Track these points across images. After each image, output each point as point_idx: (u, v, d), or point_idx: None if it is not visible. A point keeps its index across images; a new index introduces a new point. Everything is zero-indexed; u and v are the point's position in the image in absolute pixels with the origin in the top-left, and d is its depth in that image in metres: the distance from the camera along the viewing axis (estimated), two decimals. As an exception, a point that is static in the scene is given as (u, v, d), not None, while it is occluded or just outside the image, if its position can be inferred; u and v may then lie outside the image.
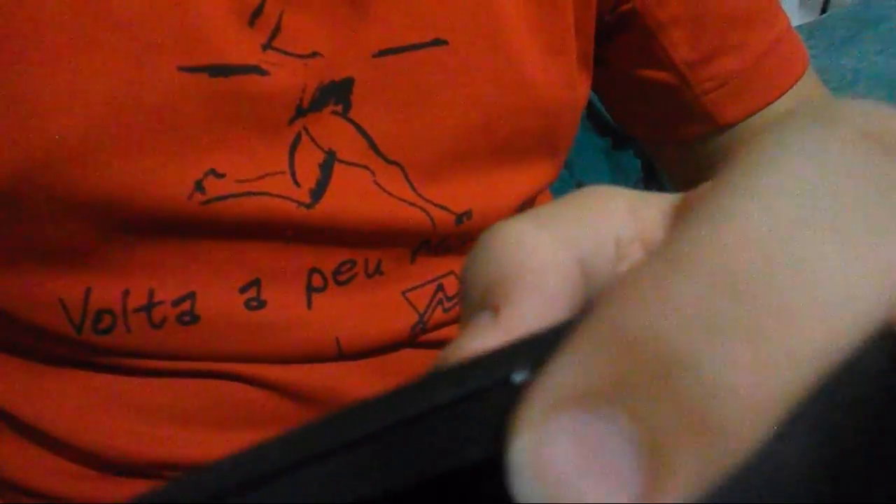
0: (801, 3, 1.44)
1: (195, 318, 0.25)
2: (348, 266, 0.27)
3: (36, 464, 0.26)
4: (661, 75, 0.32)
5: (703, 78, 0.31)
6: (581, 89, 0.30)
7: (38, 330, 0.25)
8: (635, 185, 0.99)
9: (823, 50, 1.16)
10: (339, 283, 0.27)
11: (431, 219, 0.27)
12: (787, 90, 0.32)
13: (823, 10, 1.32)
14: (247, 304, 0.26)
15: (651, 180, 0.86)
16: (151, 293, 0.25)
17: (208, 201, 0.24)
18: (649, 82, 0.32)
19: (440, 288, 0.29)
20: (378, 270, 0.28)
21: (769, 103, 0.32)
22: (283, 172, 0.25)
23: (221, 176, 0.24)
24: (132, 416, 0.26)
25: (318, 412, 0.28)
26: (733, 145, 0.33)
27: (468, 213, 0.28)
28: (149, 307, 0.25)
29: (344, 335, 0.27)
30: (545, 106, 0.28)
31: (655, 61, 0.31)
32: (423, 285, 0.29)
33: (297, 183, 0.25)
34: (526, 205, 0.31)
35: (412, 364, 0.29)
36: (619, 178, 1.00)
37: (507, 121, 0.27)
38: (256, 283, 0.26)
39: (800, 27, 1.24)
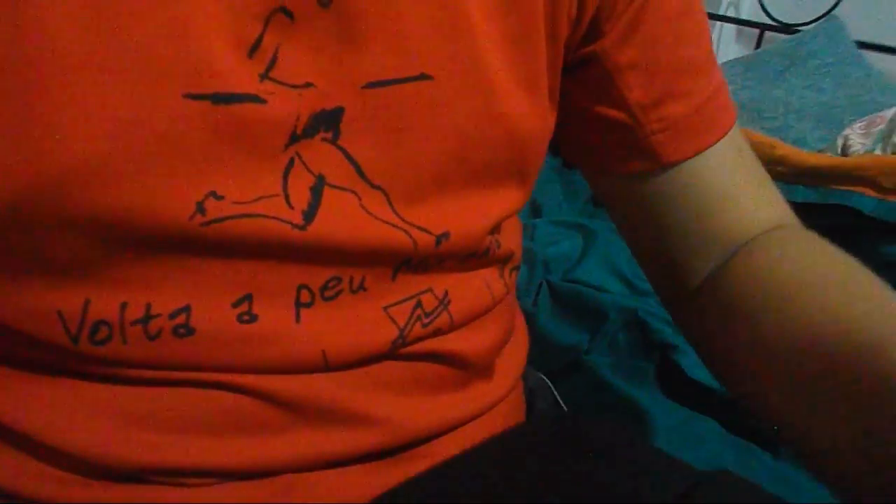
0: (737, 38, 1.52)
1: (190, 331, 0.26)
2: (334, 282, 0.29)
3: (25, 470, 0.27)
4: (615, 113, 0.34)
5: (652, 119, 0.34)
6: (550, 120, 0.33)
7: (33, 340, 0.25)
8: (584, 204, 1.03)
9: (759, 82, 1.23)
10: (326, 299, 0.29)
11: (413, 240, 0.29)
12: (723, 136, 0.36)
13: (758, 46, 1.40)
14: (239, 318, 0.27)
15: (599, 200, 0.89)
16: (149, 307, 0.26)
17: (208, 222, 0.25)
18: (602, 118, 0.35)
19: (419, 304, 0.31)
20: (362, 287, 0.29)
21: (708, 146, 0.35)
22: (277, 195, 0.26)
23: (221, 198, 0.25)
24: (124, 422, 0.26)
25: (304, 420, 0.29)
26: (668, 183, 0.36)
27: (446, 235, 0.30)
28: (146, 319, 0.26)
29: (329, 348, 0.29)
30: (518, 137, 0.30)
31: (611, 100, 0.34)
32: (402, 301, 0.31)
33: (290, 205, 0.26)
34: (496, 227, 0.33)
35: (393, 375, 0.31)
36: (570, 195, 1.04)
37: (483, 150, 0.30)
38: (248, 298, 0.27)
39: (738, 60, 1.31)
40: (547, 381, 0.52)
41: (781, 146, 0.85)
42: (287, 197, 0.26)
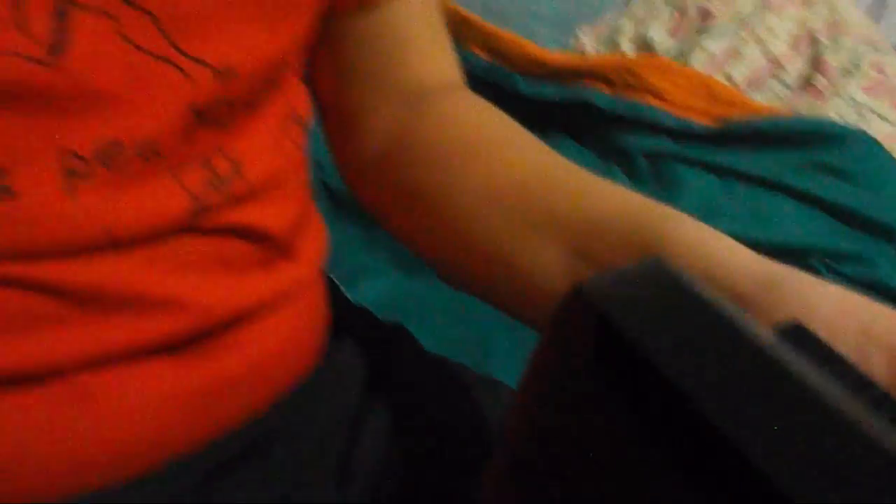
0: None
1: None
2: (116, 148, 0.24)
3: None
4: None
5: None
6: None
7: None
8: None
9: (502, -12, 1.30)
10: (108, 167, 0.24)
11: (191, 78, 0.25)
12: None
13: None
14: None
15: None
16: None
17: None
18: None
19: (209, 166, 0.28)
20: (154, 152, 0.25)
21: None
22: (6, 21, 0.21)
23: None
24: None
25: (91, 309, 0.25)
26: (365, 26, 0.35)
27: (232, 71, 0.26)
28: None
29: (115, 223, 0.25)
30: None
31: None
32: (191, 163, 0.27)
33: (28, 35, 0.21)
34: (284, 62, 0.30)
35: (191, 252, 0.28)
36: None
37: None
38: (0, 171, 0.22)
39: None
40: (333, 278, 0.52)
41: (530, 45, 0.92)
42: (22, 24, 0.21)
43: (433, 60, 0.37)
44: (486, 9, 1.18)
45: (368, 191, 0.38)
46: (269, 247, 0.32)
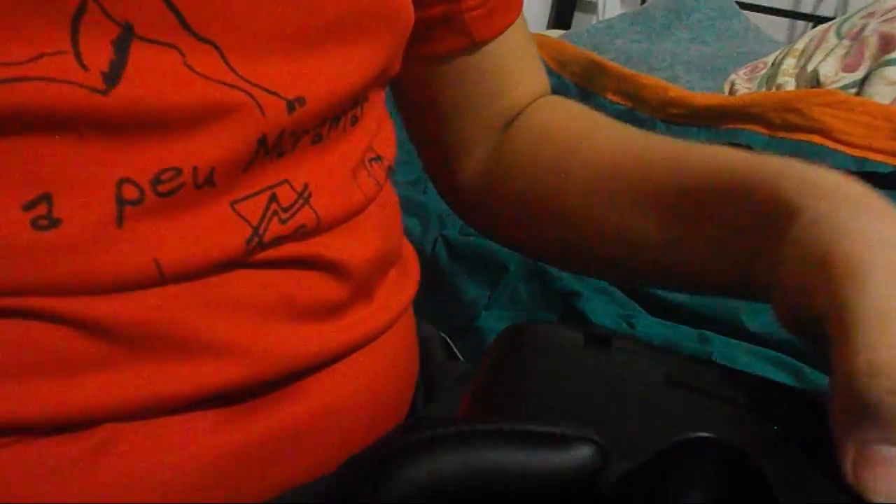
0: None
1: None
2: (172, 174, 0.23)
3: None
4: None
5: None
6: None
7: None
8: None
9: (646, 36, 1.23)
10: (161, 195, 0.23)
11: (258, 104, 0.24)
12: (518, 14, 0.38)
13: (643, 1, 1.41)
14: (34, 224, 0.21)
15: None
16: None
17: None
18: None
19: (273, 198, 0.26)
20: (211, 181, 0.24)
21: (513, 22, 0.37)
22: (64, 52, 0.20)
23: None
24: None
25: (131, 352, 0.23)
26: (472, 62, 0.37)
27: (301, 100, 0.25)
28: None
29: (164, 255, 0.23)
30: None
31: None
32: (253, 195, 0.25)
33: (83, 65, 0.21)
34: (359, 94, 0.28)
35: (249, 288, 0.25)
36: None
37: None
38: (46, 197, 0.21)
39: (624, 15, 1.31)
40: (442, 334, 0.47)
41: (673, 88, 0.84)
42: (79, 54, 0.21)
43: (527, 81, 0.39)
44: (626, 57, 1.11)
45: (477, 212, 0.41)
46: (341, 285, 0.28)
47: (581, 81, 0.90)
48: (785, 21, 1.64)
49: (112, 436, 0.22)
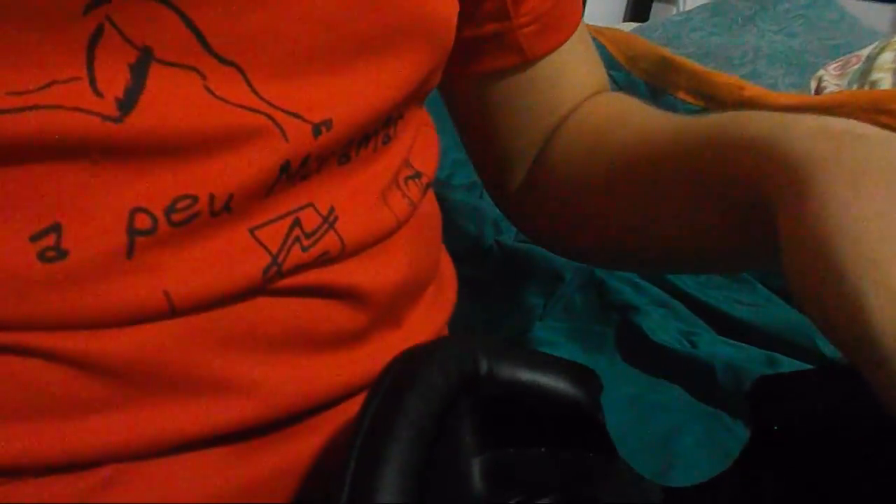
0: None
1: None
2: (188, 202, 0.22)
3: None
4: (489, 5, 0.34)
5: (522, 13, 0.34)
6: None
7: None
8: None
9: (726, 28, 1.16)
10: (175, 224, 0.22)
11: (281, 128, 0.23)
12: (574, 30, 0.37)
13: (724, -10, 1.33)
14: (41, 256, 0.20)
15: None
16: None
17: None
18: (478, 12, 0.34)
19: (296, 223, 0.24)
20: (227, 208, 0.22)
21: (566, 40, 0.36)
22: (78, 79, 0.20)
23: None
24: None
25: (138, 391, 0.22)
26: (526, 78, 0.36)
27: (327, 123, 0.24)
28: None
29: (175, 287, 0.22)
30: None
31: None
32: (274, 220, 0.24)
33: (98, 91, 0.20)
34: (392, 113, 0.27)
35: (265, 320, 0.24)
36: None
37: (368, 9, 0.24)
38: (56, 228, 0.20)
39: (703, 6, 1.24)
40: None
41: (750, 87, 0.78)
42: (93, 80, 0.20)
43: (582, 84, 0.38)
44: (703, 51, 1.05)
45: (527, 219, 0.41)
46: (360, 312, 0.27)
47: (651, 79, 0.85)
48: (890, 9, 1.51)
49: (115, 475, 0.22)
